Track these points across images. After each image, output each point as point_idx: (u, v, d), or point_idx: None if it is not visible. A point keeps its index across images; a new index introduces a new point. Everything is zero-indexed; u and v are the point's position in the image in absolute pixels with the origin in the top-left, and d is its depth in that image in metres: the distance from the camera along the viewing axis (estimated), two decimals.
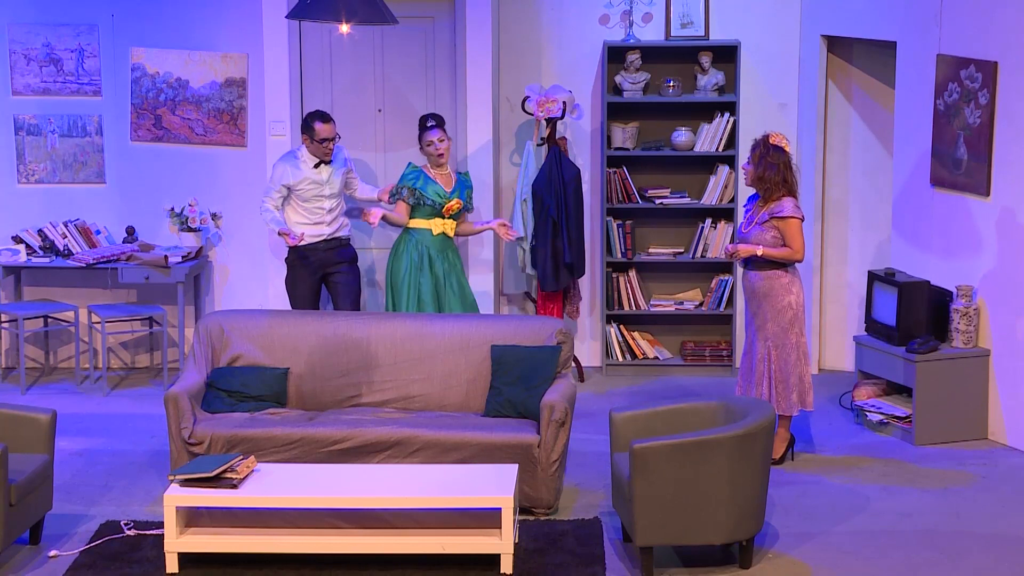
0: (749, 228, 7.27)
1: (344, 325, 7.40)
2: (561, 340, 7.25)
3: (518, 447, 6.77)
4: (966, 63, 7.88)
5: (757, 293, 7.28)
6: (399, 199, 8.08)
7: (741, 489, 6.08)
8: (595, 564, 6.22)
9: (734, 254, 7.28)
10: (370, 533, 6.20)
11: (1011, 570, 6.23)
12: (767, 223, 7.22)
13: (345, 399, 7.31)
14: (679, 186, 9.21)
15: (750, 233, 7.27)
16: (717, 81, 9.03)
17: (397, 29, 8.55)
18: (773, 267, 7.26)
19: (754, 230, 7.25)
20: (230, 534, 6.19)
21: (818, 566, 6.25)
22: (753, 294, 7.30)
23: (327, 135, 8.13)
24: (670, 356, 9.31)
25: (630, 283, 9.21)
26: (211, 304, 9.23)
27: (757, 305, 7.29)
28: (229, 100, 9.06)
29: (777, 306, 7.26)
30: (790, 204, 7.21)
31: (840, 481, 7.29)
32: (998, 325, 7.85)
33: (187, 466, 6.30)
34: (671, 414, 6.53)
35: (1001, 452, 7.76)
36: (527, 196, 8.90)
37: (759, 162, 7.24)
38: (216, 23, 9.01)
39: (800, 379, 7.30)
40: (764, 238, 7.22)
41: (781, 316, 7.26)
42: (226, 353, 7.35)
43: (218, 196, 9.14)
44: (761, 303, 7.28)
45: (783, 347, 7.27)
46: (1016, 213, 7.69)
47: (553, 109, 8.78)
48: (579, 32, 9.12)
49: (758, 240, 7.23)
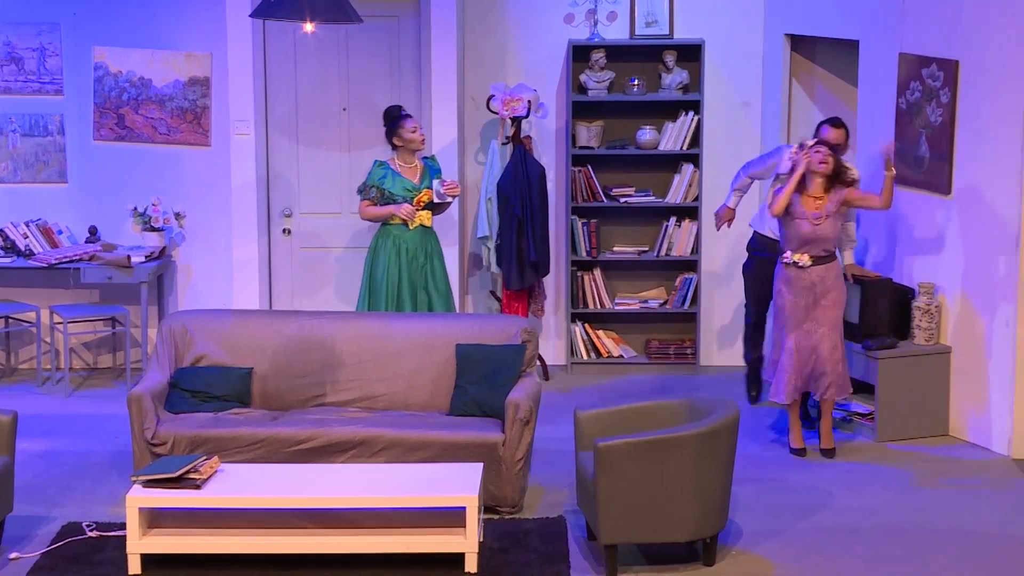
0: (823, 223, 7.33)
1: (308, 325, 7.38)
2: (526, 339, 7.25)
3: (483, 446, 6.76)
4: (928, 62, 7.92)
5: (827, 282, 7.40)
6: (365, 199, 8.03)
7: (705, 487, 6.10)
8: (559, 562, 6.22)
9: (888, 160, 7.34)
10: (334, 533, 6.18)
11: (973, 565, 6.26)
12: (837, 212, 7.36)
13: (309, 399, 7.29)
14: (644, 185, 9.23)
15: (827, 228, 7.34)
16: (681, 80, 9.06)
17: (362, 28, 8.53)
18: (835, 256, 7.47)
19: (829, 223, 7.35)
20: (193, 535, 6.15)
21: (781, 563, 6.26)
22: (823, 284, 7.39)
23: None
24: (635, 354, 9.33)
25: (595, 281, 9.23)
26: (174, 304, 9.19)
27: (824, 295, 7.40)
28: (193, 99, 9.03)
29: (842, 292, 7.46)
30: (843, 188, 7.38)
31: (803, 478, 7.32)
32: (959, 322, 7.90)
33: (150, 467, 6.26)
34: (635, 412, 6.53)
35: (962, 448, 7.81)
36: (492, 195, 8.90)
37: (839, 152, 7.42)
38: (179, 22, 8.97)
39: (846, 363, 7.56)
40: (838, 226, 7.39)
41: (842, 304, 7.47)
42: (190, 353, 7.32)
43: (182, 196, 9.09)
44: (829, 291, 7.41)
45: (841, 333, 7.48)
46: (977, 211, 7.74)
47: (518, 108, 8.78)
48: (544, 31, 9.13)
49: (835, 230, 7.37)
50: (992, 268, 7.67)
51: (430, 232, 8.05)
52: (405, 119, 8.00)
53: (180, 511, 6.27)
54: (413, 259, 7.95)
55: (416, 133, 7.99)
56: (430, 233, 8.05)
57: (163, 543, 6.11)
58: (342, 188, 9.00)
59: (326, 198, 9.08)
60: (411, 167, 8.05)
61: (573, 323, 9.25)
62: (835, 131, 7.79)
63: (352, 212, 8.65)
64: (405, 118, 8.00)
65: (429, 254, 8.00)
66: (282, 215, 9.12)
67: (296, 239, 9.15)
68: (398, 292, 7.94)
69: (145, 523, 6.15)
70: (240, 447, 6.83)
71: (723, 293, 9.35)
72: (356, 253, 8.77)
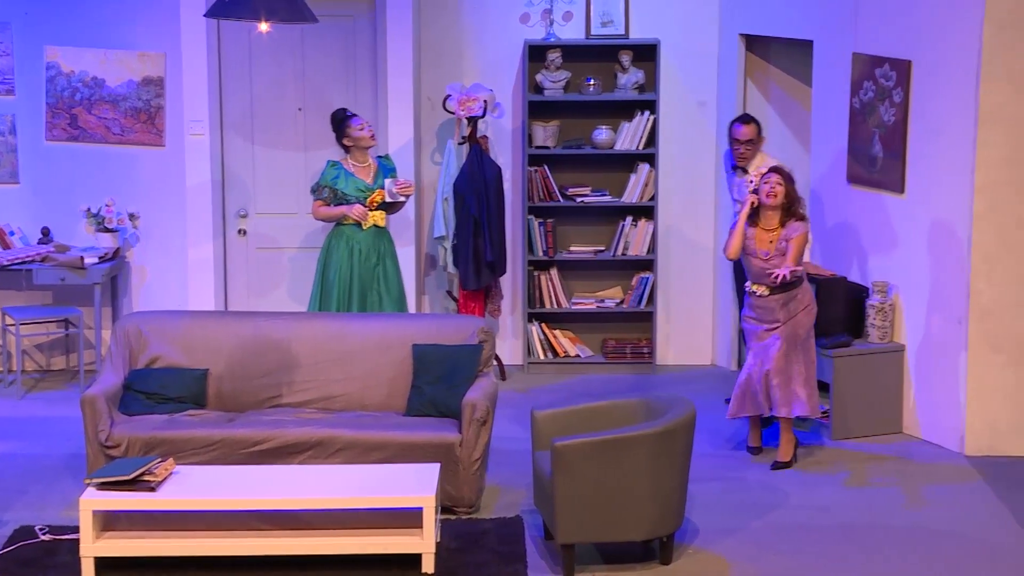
0: (770, 259, 7.30)
1: (264, 325, 7.35)
2: (483, 339, 7.24)
3: (440, 446, 6.75)
4: (881, 62, 7.97)
5: (789, 308, 7.35)
6: (318, 199, 8.00)
7: (662, 486, 6.10)
8: (517, 562, 6.21)
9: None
10: (291, 534, 6.15)
11: (926, 562, 6.30)
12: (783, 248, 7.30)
13: (265, 400, 7.26)
14: (600, 184, 9.24)
15: (777, 263, 7.28)
16: (637, 79, 9.07)
17: (317, 28, 8.51)
18: (799, 283, 7.38)
19: (778, 260, 7.30)
20: (148, 538, 6.11)
21: (737, 561, 6.28)
22: (785, 310, 7.35)
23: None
24: (591, 354, 9.34)
25: (551, 281, 9.23)
26: (128, 305, 9.14)
27: (787, 315, 7.35)
28: (147, 99, 8.97)
29: (810, 315, 7.40)
30: (798, 223, 7.31)
31: (759, 476, 7.34)
32: (913, 320, 7.95)
33: (104, 469, 6.21)
34: (592, 412, 6.53)
35: (915, 446, 7.85)
36: (448, 195, 8.89)
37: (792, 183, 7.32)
38: (133, 21, 8.91)
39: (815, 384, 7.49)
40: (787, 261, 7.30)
41: (807, 326, 7.41)
42: (144, 354, 7.28)
43: (136, 196, 9.04)
44: (795, 315, 7.35)
45: (811, 349, 7.42)
46: (930, 209, 7.79)
47: (474, 108, 8.78)
48: (500, 31, 9.12)
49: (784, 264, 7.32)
50: (945, 266, 7.72)
51: (384, 232, 8.03)
52: (351, 119, 7.98)
53: (135, 514, 6.22)
54: (366, 260, 7.93)
55: (364, 131, 7.96)
56: (384, 233, 8.03)
57: (117, 546, 6.06)
58: (298, 188, 8.96)
59: (282, 198, 9.04)
60: (364, 167, 8.02)
61: (530, 323, 9.25)
62: (746, 127, 7.94)
63: (308, 212, 8.63)
64: (351, 118, 7.99)
65: (382, 255, 7.98)
66: (237, 215, 9.08)
67: (252, 240, 9.11)
68: (349, 292, 7.91)
69: (99, 526, 6.10)
70: (195, 449, 6.79)
71: (679, 292, 9.37)
72: (310, 253, 8.74)
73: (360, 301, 7.93)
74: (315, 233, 8.88)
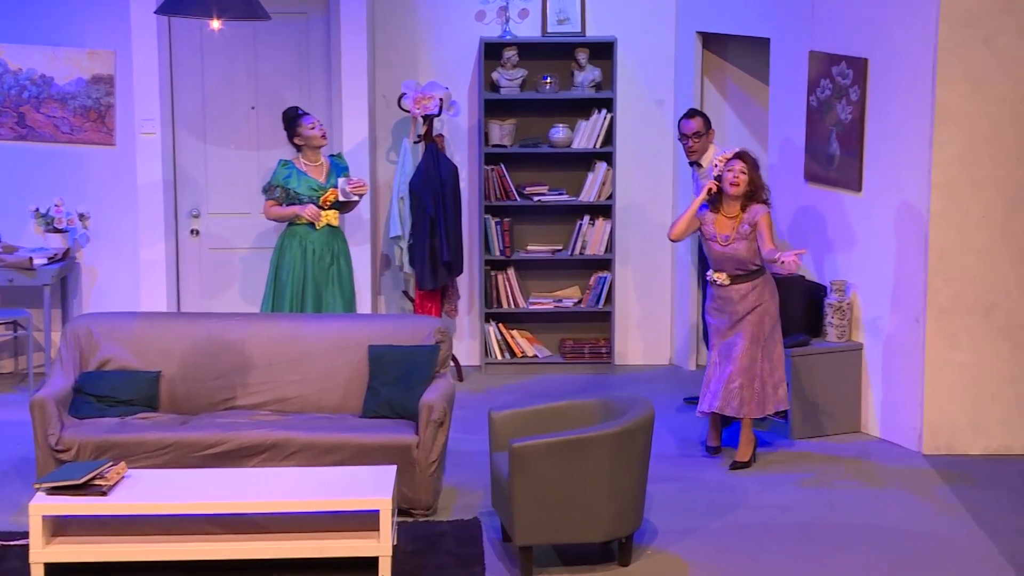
0: (733, 244, 7.25)
1: (218, 326, 7.29)
2: (439, 339, 7.21)
3: (396, 448, 6.71)
4: (838, 60, 7.97)
5: (750, 300, 7.30)
6: (270, 198, 7.93)
7: (620, 486, 6.09)
8: (474, 565, 6.19)
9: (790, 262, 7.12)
10: (245, 538, 6.10)
11: (886, 562, 6.30)
12: (751, 233, 7.24)
13: (219, 402, 7.20)
14: (557, 183, 9.21)
15: (738, 248, 7.24)
16: (594, 78, 9.05)
17: (270, 25, 8.44)
18: (761, 273, 7.33)
19: (740, 244, 7.25)
20: (99, 543, 6.05)
21: (696, 561, 6.27)
22: (745, 301, 7.30)
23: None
24: (549, 354, 9.31)
25: (509, 281, 9.20)
26: (79, 307, 9.06)
27: (749, 311, 7.30)
28: (96, 98, 8.88)
29: (772, 308, 7.35)
30: (759, 206, 7.27)
31: (718, 476, 7.33)
32: (871, 319, 7.96)
33: (54, 473, 6.16)
34: (550, 412, 6.51)
35: (873, 445, 7.87)
36: (404, 194, 8.85)
37: (756, 170, 7.27)
38: (82, 18, 8.82)
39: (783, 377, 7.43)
40: (754, 246, 7.24)
41: (774, 317, 7.35)
42: (95, 357, 7.21)
43: (86, 196, 8.95)
44: (755, 308, 7.30)
45: (777, 346, 7.37)
46: (887, 208, 7.80)
47: (430, 106, 8.74)
48: (455, 28, 9.09)
49: (749, 251, 7.24)
50: (902, 265, 7.74)
51: (337, 232, 7.98)
52: (303, 117, 7.94)
53: (85, 519, 6.16)
54: (320, 259, 7.88)
55: (315, 130, 7.92)
56: (337, 233, 7.98)
57: (68, 552, 6.00)
58: (251, 187, 8.89)
59: (235, 198, 8.97)
60: (316, 165, 7.97)
61: (487, 323, 9.21)
62: (692, 121, 8.07)
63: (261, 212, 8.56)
64: (302, 116, 7.95)
65: (336, 255, 7.94)
66: (190, 215, 9.00)
67: (204, 240, 9.03)
68: (303, 293, 7.87)
69: (49, 532, 6.04)
70: (148, 452, 6.73)
71: (637, 292, 9.35)
72: (263, 253, 8.67)
73: (315, 301, 7.90)
74: (268, 233, 8.82)
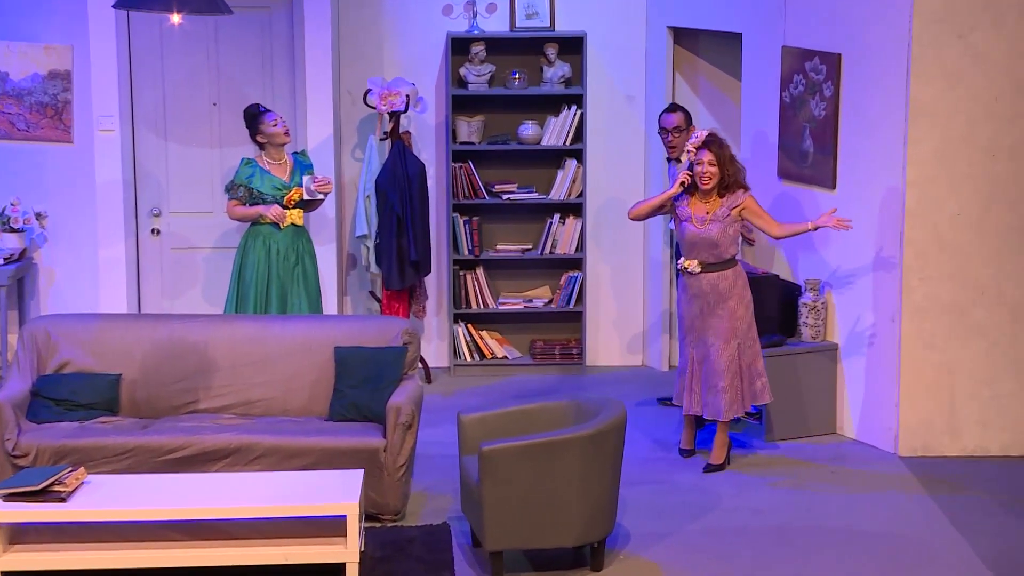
0: (708, 226, 7.13)
1: (180, 328, 7.21)
2: (407, 340, 7.14)
3: (363, 452, 6.64)
4: (811, 55, 7.91)
5: (721, 291, 7.19)
6: (233, 198, 7.82)
7: (592, 490, 6.03)
8: (444, 570, 6.13)
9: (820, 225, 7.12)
10: (209, 545, 6.04)
11: (862, 563, 6.27)
12: (729, 217, 7.15)
13: (182, 405, 7.12)
14: (526, 181, 9.13)
15: (712, 230, 7.14)
16: (564, 73, 8.95)
17: (232, 20, 8.34)
18: (733, 264, 7.23)
19: (715, 226, 7.15)
20: (59, 550, 5.99)
21: (669, 566, 6.22)
22: (716, 293, 7.20)
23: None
24: (519, 355, 9.24)
25: (478, 281, 9.11)
26: (36, 308, 8.96)
27: (718, 303, 7.20)
28: (53, 94, 8.75)
29: (745, 301, 7.25)
30: (739, 191, 7.20)
31: (692, 479, 7.27)
32: (845, 319, 7.90)
33: (11, 480, 6.08)
34: (521, 415, 6.46)
35: (849, 446, 7.82)
36: (370, 192, 8.77)
37: (727, 159, 7.17)
38: (37, 12, 8.72)
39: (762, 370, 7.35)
40: (730, 232, 7.16)
41: (748, 310, 7.25)
42: (53, 359, 7.12)
43: (43, 195, 8.84)
44: (725, 301, 7.20)
45: (754, 341, 7.29)
46: (862, 205, 7.74)
47: (396, 102, 8.66)
48: (422, 23, 9.01)
49: (723, 235, 7.14)
50: (877, 263, 7.70)
51: (302, 231, 7.90)
52: (265, 114, 7.88)
53: (44, 526, 6.11)
54: (284, 259, 7.81)
55: (278, 127, 7.86)
56: (302, 232, 7.90)
57: (26, 559, 5.95)
58: (213, 186, 8.81)
59: (197, 196, 8.87)
60: (280, 164, 7.89)
61: (456, 324, 9.13)
62: (674, 115, 8.12)
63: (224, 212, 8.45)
64: (265, 113, 7.89)
65: (300, 254, 7.87)
66: (150, 215, 8.89)
67: (165, 239, 8.93)
68: (267, 293, 7.79)
69: (6, 539, 5.99)
70: (108, 457, 6.65)
71: (609, 292, 9.28)
72: (226, 253, 8.60)
73: (280, 302, 7.84)
74: (231, 232, 8.71)
